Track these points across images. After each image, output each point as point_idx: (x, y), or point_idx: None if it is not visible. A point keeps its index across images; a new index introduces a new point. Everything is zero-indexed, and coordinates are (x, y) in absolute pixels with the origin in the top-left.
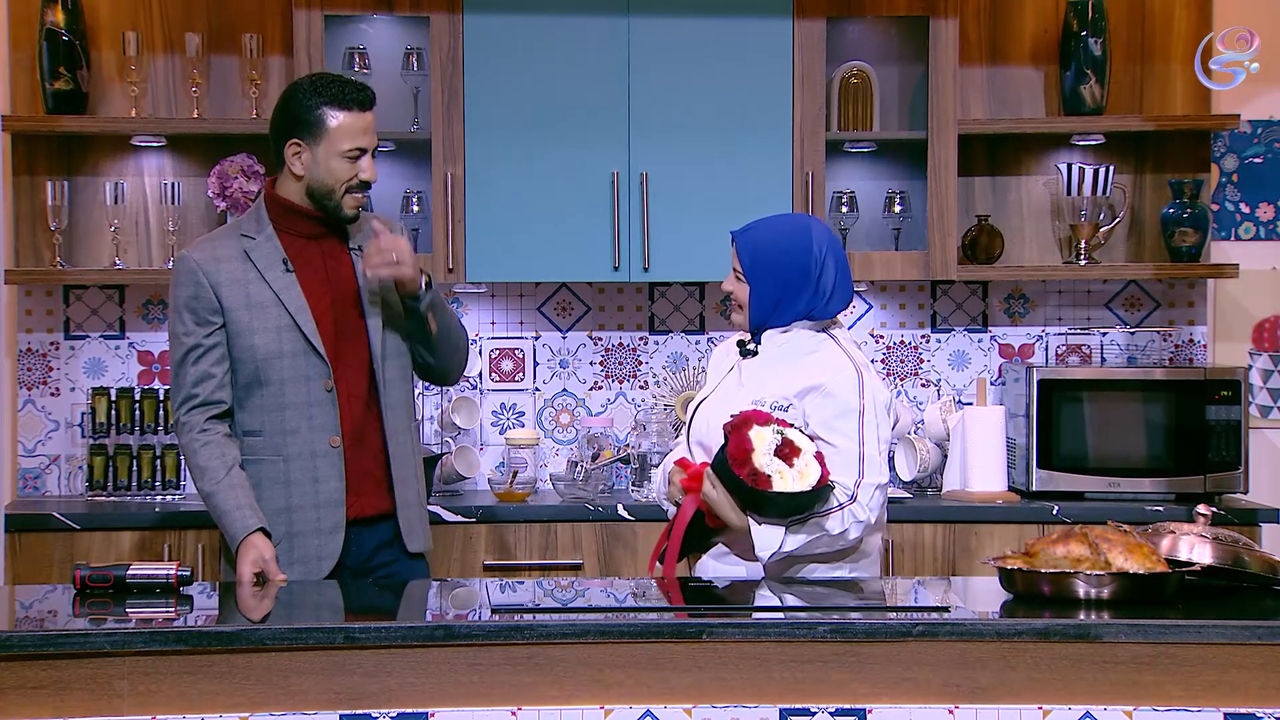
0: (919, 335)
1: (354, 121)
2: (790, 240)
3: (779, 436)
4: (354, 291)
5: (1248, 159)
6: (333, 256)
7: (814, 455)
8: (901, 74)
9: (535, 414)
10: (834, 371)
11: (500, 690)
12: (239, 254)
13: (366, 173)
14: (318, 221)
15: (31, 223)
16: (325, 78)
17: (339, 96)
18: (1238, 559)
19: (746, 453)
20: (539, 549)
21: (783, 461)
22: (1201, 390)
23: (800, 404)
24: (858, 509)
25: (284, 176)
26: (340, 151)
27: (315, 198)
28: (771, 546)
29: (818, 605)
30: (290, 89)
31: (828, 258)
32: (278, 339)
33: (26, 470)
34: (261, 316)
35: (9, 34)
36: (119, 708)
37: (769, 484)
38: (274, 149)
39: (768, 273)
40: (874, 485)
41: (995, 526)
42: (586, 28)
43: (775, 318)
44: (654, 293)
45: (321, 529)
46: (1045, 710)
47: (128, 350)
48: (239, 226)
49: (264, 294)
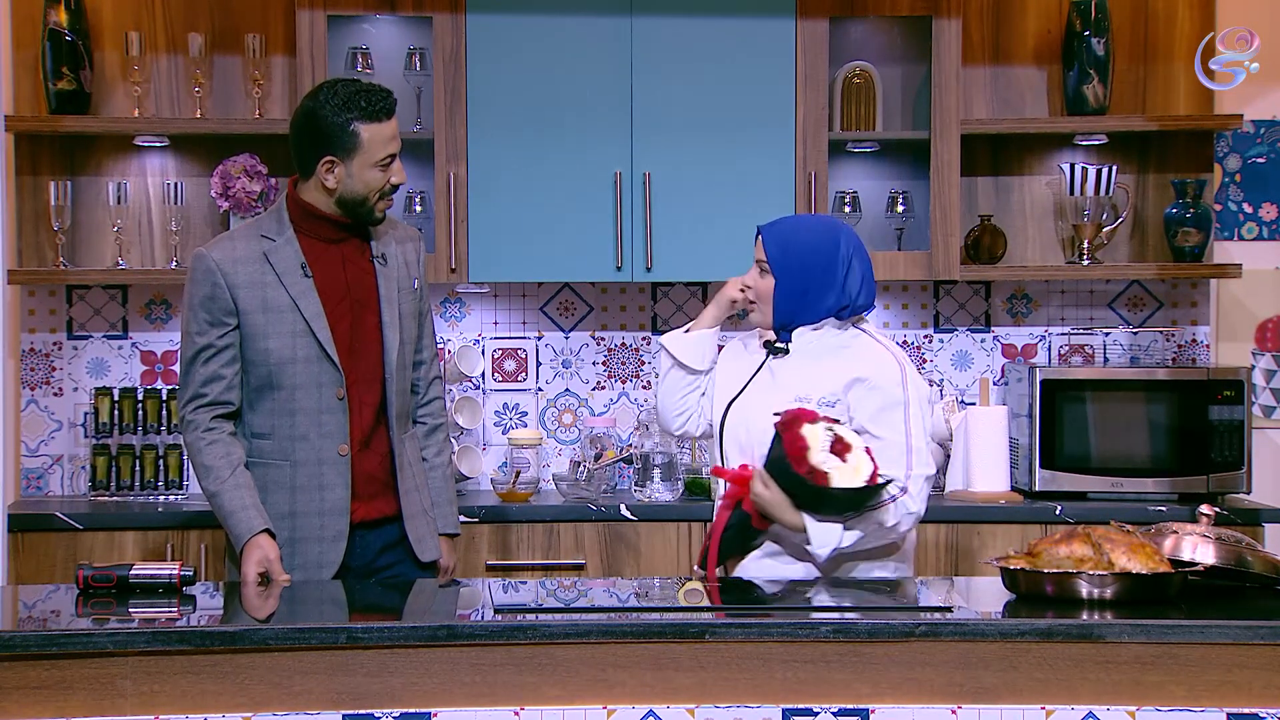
0: (922, 335)
1: (383, 130)
2: (819, 237)
3: (830, 433)
4: (373, 299)
5: (1251, 159)
6: (353, 261)
7: (864, 450)
8: (904, 74)
9: (538, 414)
10: (877, 364)
11: (503, 690)
12: (258, 255)
13: (397, 176)
14: (341, 225)
15: (34, 223)
16: (348, 88)
17: (368, 109)
18: (1241, 559)
19: (803, 450)
20: (542, 549)
21: (837, 458)
22: (1204, 390)
23: (846, 398)
24: (909, 501)
25: (310, 186)
26: (374, 162)
27: (346, 206)
28: (830, 543)
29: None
30: (314, 104)
31: (854, 259)
32: (292, 344)
33: (30, 470)
34: (277, 321)
35: (12, 34)
36: (122, 708)
37: (827, 480)
38: (297, 160)
39: (795, 266)
40: (923, 476)
41: (998, 526)
42: (589, 28)
43: (800, 315)
44: (657, 293)
45: (324, 536)
46: (1048, 710)
47: (130, 350)
48: (259, 227)
49: (281, 298)
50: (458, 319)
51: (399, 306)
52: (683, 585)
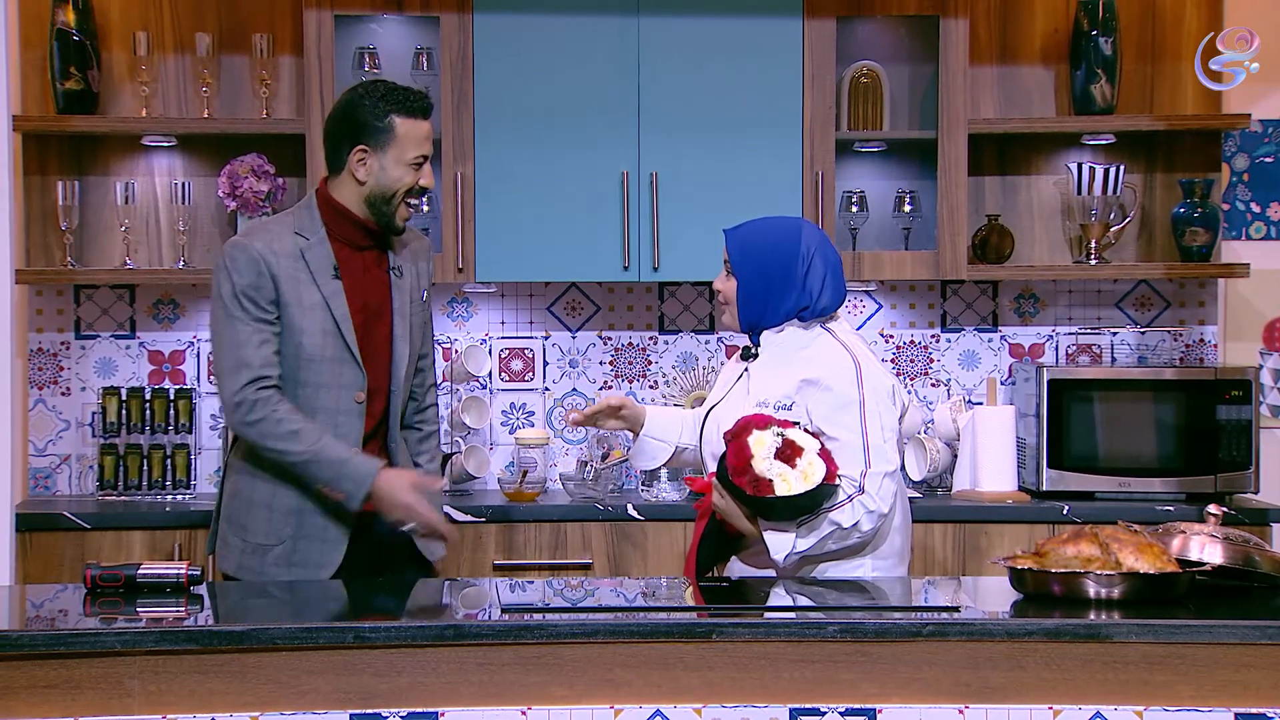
0: (929, 335)
1: (419, 129)
2: (778, 236)
3: (779, 439)
4: (386, 310)
5: (1258, 158)
6: (371, 271)
7: (818, 453)
8: (912, 73)
9: (545, 414)
10: (829, 365)
11: (510, 690)
12: (295, 252)
13: (426, 179)
14: (367, 232)
15: (42, 222)
16: (388, 85)
17: (406, 104)
18: (1249, 559)
19: (746, 460)
20: (548, 549)
21: (784, 464)
22: (1212, 390)
23: (800, 400)
24: (867, 499)
25: (342, 181)
26: (406, 159)
27: (373, 204)
28: (785, 549)
29: (827, 605)
30: (353, 95)
31: (815, 257)
32: (321, 343)
33: (37, 470)
34: (310, 318)
35: (20, 34)
36: (129, 707)
37: (771, 489)
38: (330, 153)
39: (753, 267)
40: (881, 474)
41: (1005, 526)
42: (596, 27)
43: (765, 317)
44: (664, 292)
45: (327, 537)
46: (1056, 710)
47: (138, 350)
48: (292, 224)
49: (314, 296)
50: (464, 319)
51: (410, 319)
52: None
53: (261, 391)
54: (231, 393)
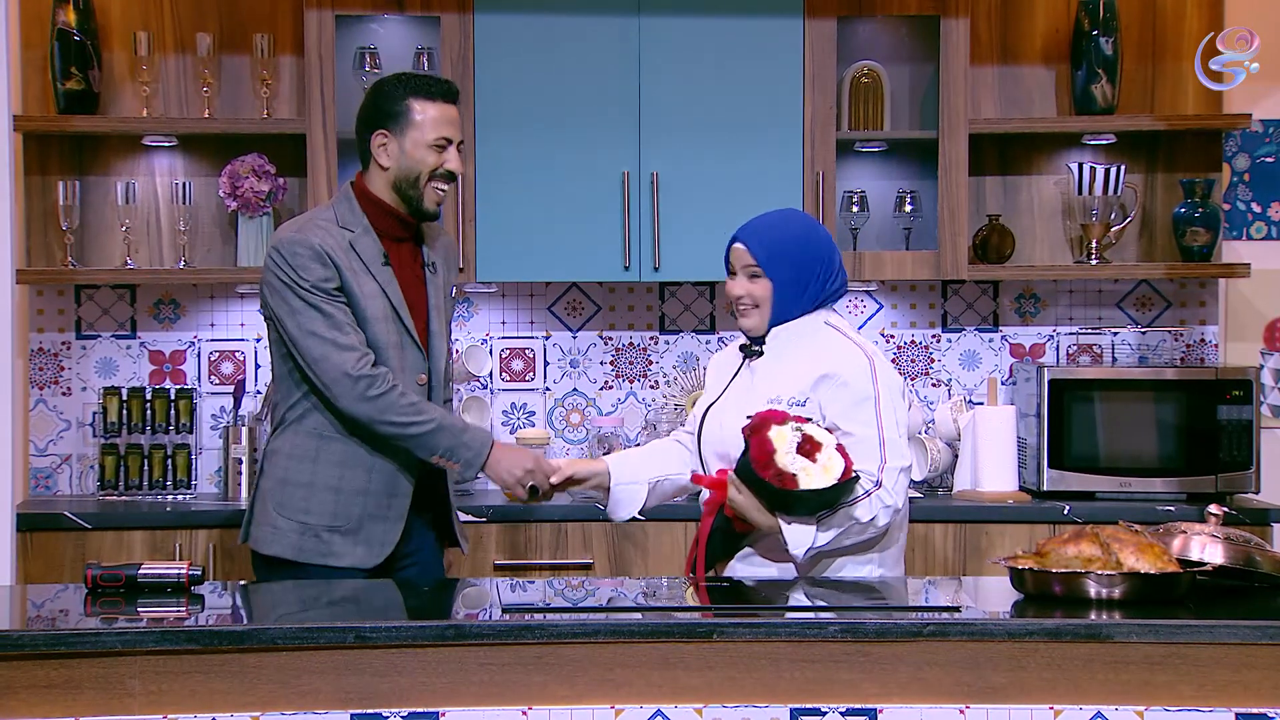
0: (930, 335)
1: (439, 112)
2: (804, 230)
3: (799, 434)
4: (422, 304)
5: (1259, 158)
6: (407, 265)
7: (835, 448)
8: (912, 73)
9: (546, 413)
10: (844, 360)
11: (511, 690)
12: (345, 244)
13: (452, 162)
14: (402, 223)
15: (43, 222)
16: (410, 73)
17: (423, 88)
18: (1249, 559)
19: (769, 454)
20: (550, 549)
21: (806, 458)
22: (1213, 390)
23: (815, 396)
24: (884, 494)
25: (371, 171)
26: (427, 142)
27: (400, 189)
28: (805, 543)
29: (828, 605)
30: (376, 85)
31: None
32: (385, 329)
33: (38, 470)
34: (372, 305)
35: (21, 34)
36: (130, 707)
37: (795, 483)
38: (359, 146)
39: (788, 264)
40: (897, 469)
41: (1006, 526)
42: (597, 27)
43: (793, 312)
44: (664, 292)
45: (389, 516)
46: (1056, 710)
47: (139, 350)
48: (335, 218)
49: (370, 285)
50: (465, 318)
51: (444, 314)
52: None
53: (376, 368)
54: (347, 370)
